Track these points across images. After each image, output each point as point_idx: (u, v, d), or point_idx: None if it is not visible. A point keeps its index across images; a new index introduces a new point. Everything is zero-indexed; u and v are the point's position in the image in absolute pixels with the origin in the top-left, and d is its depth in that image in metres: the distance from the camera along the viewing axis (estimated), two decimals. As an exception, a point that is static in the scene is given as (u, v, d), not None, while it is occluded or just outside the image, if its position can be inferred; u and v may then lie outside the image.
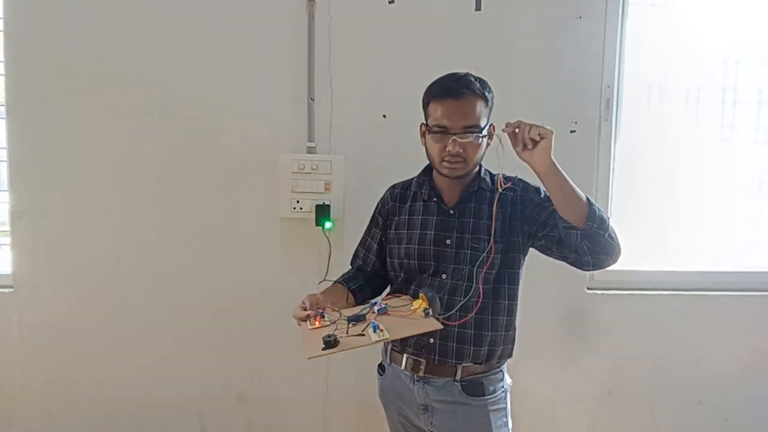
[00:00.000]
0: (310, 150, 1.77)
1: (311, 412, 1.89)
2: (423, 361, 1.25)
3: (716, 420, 1.99)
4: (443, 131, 1.18)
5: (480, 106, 1.18)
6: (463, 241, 1.24)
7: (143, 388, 1.85)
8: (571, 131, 1.83)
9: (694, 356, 1.95)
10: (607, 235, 1.14)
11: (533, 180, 1.24)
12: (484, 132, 1.19)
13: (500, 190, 1.22)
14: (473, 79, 1.20)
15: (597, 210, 1.13)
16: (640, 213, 1.96)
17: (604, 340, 1.92)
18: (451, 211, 1.27)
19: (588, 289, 1.90)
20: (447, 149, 1.17)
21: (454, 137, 1.16)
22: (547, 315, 1.88)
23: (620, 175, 1.92)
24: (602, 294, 1.90)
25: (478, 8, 1.79)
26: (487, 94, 1.20)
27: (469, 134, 1.17)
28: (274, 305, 1.81)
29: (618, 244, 1.16)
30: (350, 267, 1.47)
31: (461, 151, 1.17)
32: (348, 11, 1.76)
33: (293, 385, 1.87)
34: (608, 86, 1.85)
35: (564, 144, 1.81)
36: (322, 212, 1.72)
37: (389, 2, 1.77)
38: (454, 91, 1.17)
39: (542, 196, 1.25)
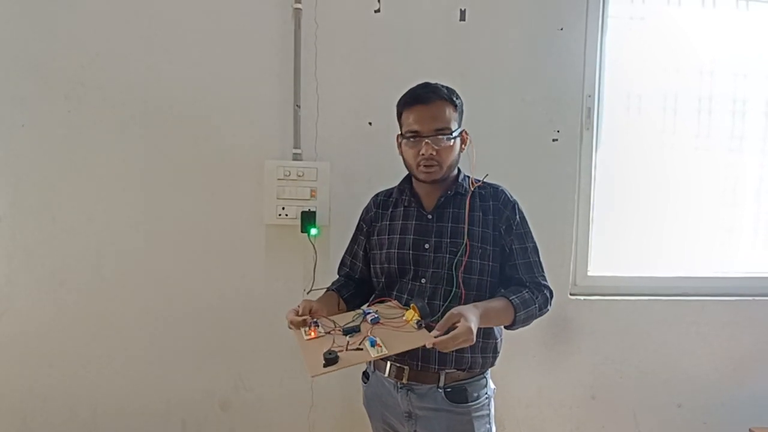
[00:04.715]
0: (296, 157, 1.77)
1: (296, 419, 1.87)
2: (406, 368, 1.26)
3: (695, 423, 2.02)
4: (416, 135, 1.23)
5: (449, 110, 1.24)
6: (442, 245, 1.26)
7: (124, 396, 1.81)
8: (554, 140, 1.87)
9: (673, 360, 1.99)
10: (531, 322, 1.26)
11: (515, 193, 1.31)
12: (455, 134, 1.24)
13: (471, 189, 1.27)
14: (441, 86, 1.26)
15: (522, 317, 1.22)
16: (620, 220, 2.00)
17: (586, 344, 1.95)
18: (430, 216, 1.30)
19: (571, 294, 1.93)
20: (421, 153, 1.22)
21: (427, 140, 1.21)
22: (531, 320, 1.90)
23: (601, 183, 1.96)
24: (585, 299, 1.94)
25: (462, 19, 1.82)
26: (455, 99, 1.26)
27: (441, 136, 1.22)
28: (258, 312, 1.80)
29: (547, 308, 1.29)
30: (338, 275, 1.47)
31: (434, 153, 1.22)
32: (334, 19, 1.77)
33: (278, 392, 1.86)
34: (589, 96, 1.90)
35: (546, 152, 1.87)
36: (308, 219, 1.72)
37: (375, 11, 1.79)
38: (423, 97, 1.23)
39: (517, 218, 1.29)
